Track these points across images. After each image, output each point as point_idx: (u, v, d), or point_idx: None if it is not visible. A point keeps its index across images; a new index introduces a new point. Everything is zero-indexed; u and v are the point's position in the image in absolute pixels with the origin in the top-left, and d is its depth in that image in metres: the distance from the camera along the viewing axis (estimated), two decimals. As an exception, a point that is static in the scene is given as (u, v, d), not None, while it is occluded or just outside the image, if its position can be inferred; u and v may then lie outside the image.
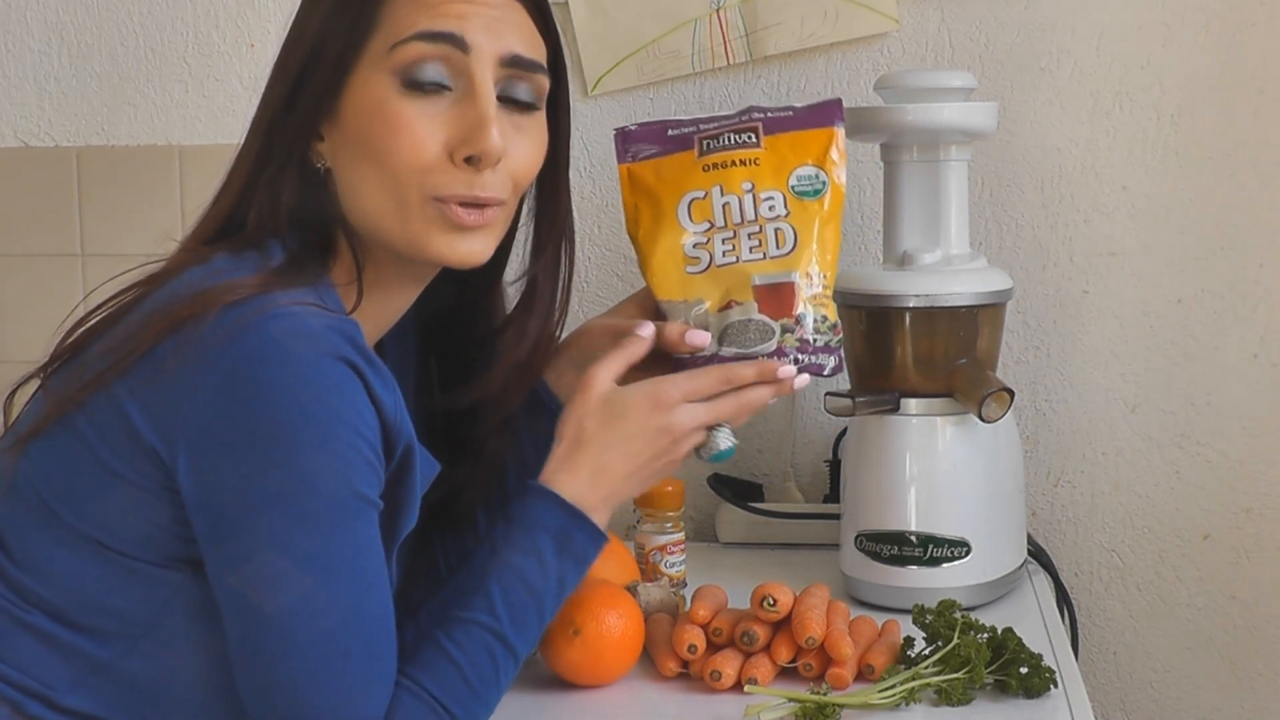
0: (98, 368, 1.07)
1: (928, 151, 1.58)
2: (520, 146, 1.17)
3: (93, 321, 1.13)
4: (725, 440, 1.24)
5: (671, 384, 1.21)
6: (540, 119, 1.20)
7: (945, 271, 1.57)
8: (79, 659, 1.09)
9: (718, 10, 1.83)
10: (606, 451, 1.19)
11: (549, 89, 1.20)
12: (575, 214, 1.89)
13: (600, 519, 1.19)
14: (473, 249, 1.16)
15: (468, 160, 1.13)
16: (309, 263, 1.14)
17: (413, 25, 1.13)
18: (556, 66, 1.22)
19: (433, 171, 1.13)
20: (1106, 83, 1.80)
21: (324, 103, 1.14)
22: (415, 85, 1.13)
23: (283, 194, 1.15)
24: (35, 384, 1.15)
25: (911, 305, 1.54)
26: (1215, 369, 1.82)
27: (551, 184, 1.26)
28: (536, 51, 1.18)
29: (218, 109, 1.92)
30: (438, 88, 1.13)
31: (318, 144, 1.16)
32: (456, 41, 1.13)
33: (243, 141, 1.19)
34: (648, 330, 1.25)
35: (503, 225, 1.19)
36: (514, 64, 1.16)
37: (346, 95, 1.14)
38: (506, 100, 1.16)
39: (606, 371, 1.22)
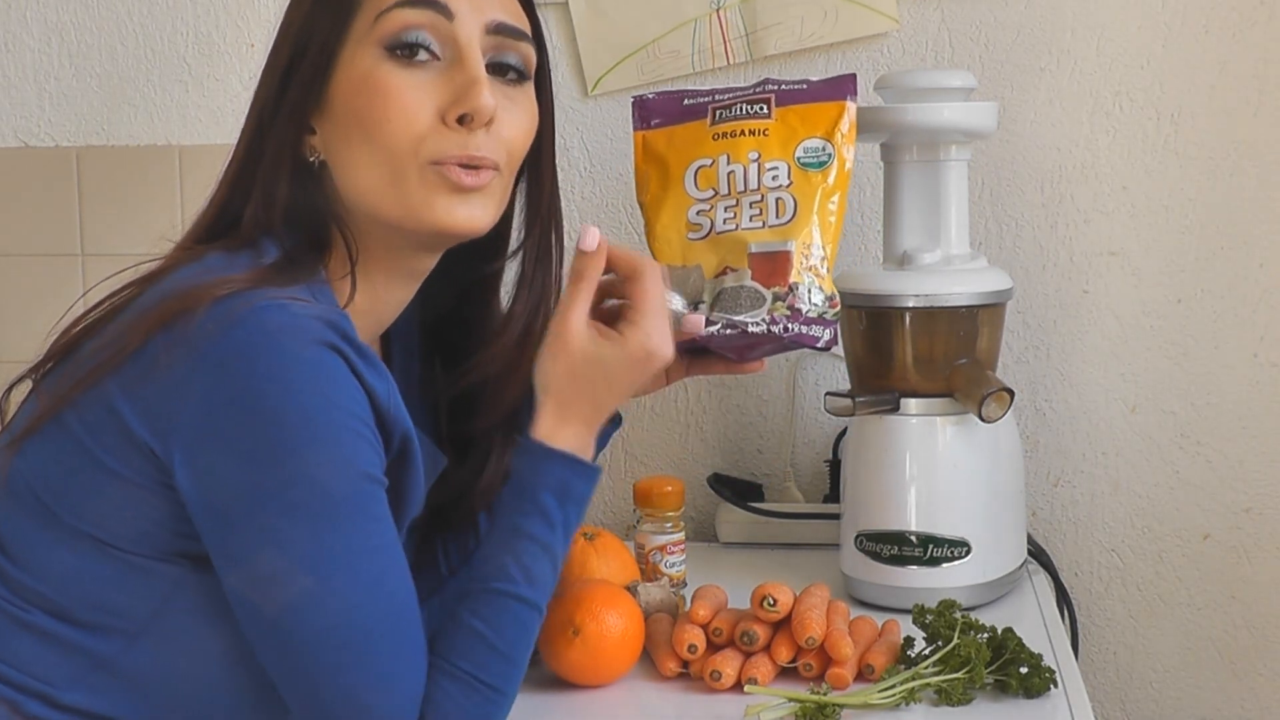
0: (89, 365, 1.07)
1: (928, 151, 1.58)
2: (511, 114, 1.17)
3: (88, 320, 1.13)
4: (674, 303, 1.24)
5: (660, 336, 1.17)
6: (530, 91, 1.20)
7: (945, 271, 1.57)
8: (79, 656, 1.09)
9: (718, 10, 1.83)
10: (598, 402, 1.18)
11: (535, 62, 1.20)
12: (575, 214, 1.90)
13: (589, 454, 1.19)
14: (473, 214, 1.15)
15: (460, 120, 1.13)
16: (303, 259, 1.14)
17: None
18: (539, 42, 1.22)
19: (427, 137, 1.12)
20: (1106, 83, 1.80)
21: (313, 91, 1.14)
22: (401, 52, 1.13)
23: (277, 190, 1.15)
24: (31, 383, 1.16)
25: (911, 305, 1.54)
26: (1215, 369, 1.82)
27: (535, 162, 1.25)
28: (520, 21, 1.19)
29: (218, 109, 1.92)
30: (426, 54, 1.13)
31: (310, 138, 1.16)
32: (440, 8, 1.13)
33: (237, 140, 1.19)
34: (590, 241, 1.20)
35: (500, 194, 1.18)
36: (499, 31, 1.16)
37: (334, 78, 1.14)
38: (495, 70, 1.16)
39: (578, 317, 1.18)
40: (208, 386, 1.02)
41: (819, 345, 1.25)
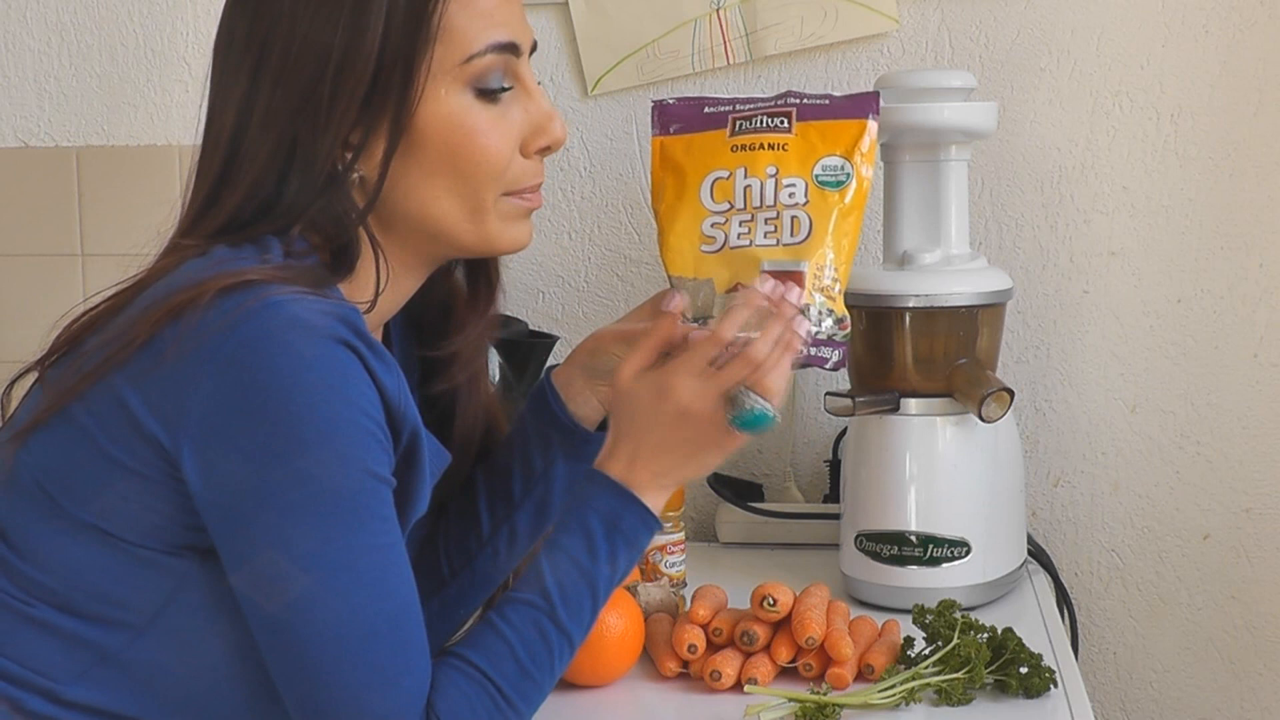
0: (96, 358, 1.07)
1: (928, 151, 1.58)
2: None
3: (92, 314, 1.13)
4: (750, 403, 1.20)
5: (671, 369, 1.20)
6: None
7: (945, 271, 1.57)
8: (83, 649, 1.09)
9: (718, 10, 1.83)
10: (639, 442, 1.19)
11: None
12: (575, 214, 1.90)
13: (651, 500, 1.18)
14: (530, 232, 1.21)
15: (539, 151, 1.18)
16: (311, 260, 1.13)
17: (481, 37, 1.14)
18: None
19: (510, 169, 1.16)
20: (1106, 83, 1.80)
21: (394, 117, 1.12)
22: (490, 94, 1.15)
23: (309, 199, 1.12)
24: (33, 377, 1.15)
25: (911, 305, 1.54)
26: (1215, 369, 1.82)
27: None
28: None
29: (218, 109, 1.92)
30: (504, 90, 1.16)
31: (346, 151, 1.15)
32: (515, 49, 1.16)
33: (250, 140, 1.15)
34: (673, 304, 1.22)
35: None
36: (533, 48, 1.20)
37: (420, 110, 1.13)
38: None
39: (629, 367, 1.21)
40: (218, 380, 1.02)
41: (827, 366, 1.25)
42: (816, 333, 1.24)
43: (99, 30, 1.93)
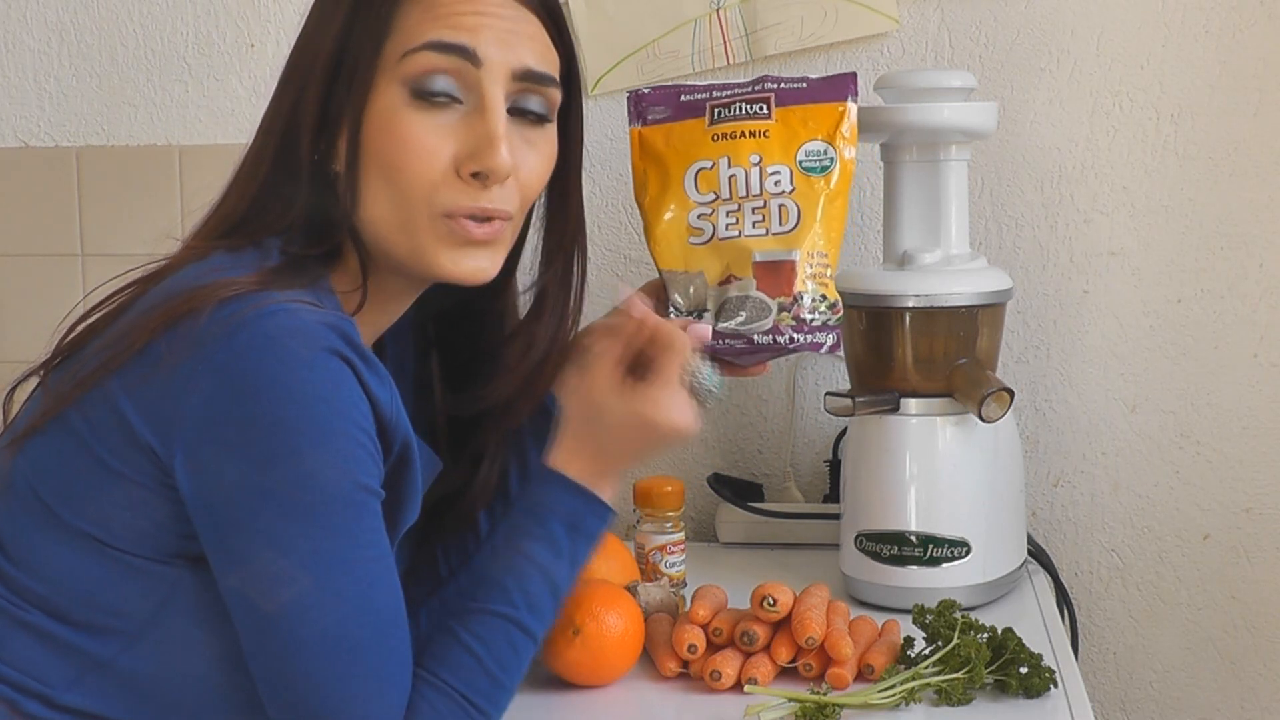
0: (92, 364, 1.07)
1: (928, 151, 1.58)
2: (529, 160, 1.16)
3: (93, 319, 1.13)
4: (704, 380, 1.22)
5: (666, 410, 1.20)
6: (550, 132, 1.19)
7: (945, 271, 1.57)
8: (77, 656, 1.09)
9: (718, 10, 1.83)
10: (600, 447, 1.20)
11: (561, 101, 1.20)
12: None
13: (606, 493, 1.21)
14: (479, 265, 1.15)
15: (475, 175, 1.12)
16: (308, 264, 1.14)
17: (424, 34, 1.12)
18: (570, 78, 1.21)
19: (440, 188, 1.12)
20: (1106, 83, 1.80)
21: (348, 111, 1.13)
22: (425, 97, 1.12)
23: (295, 199, 1.14)
24: (34, 382, 1.15)
25: (911, 305, 1.54)
26: (1215, 369, 1.82)
27: (562, 193, 1.25)
28: (549, 64, 1.17)
29: (218, 109, 1.92)
30: (448, 100, 1.12)
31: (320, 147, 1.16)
32: (468, 55, 1.12)
33: (251, 145, 1.18)
34: (636, 310, 1.23)
35: (509, 240, 1.18)
36: (526, 77, 1.15)
37: (368, 105, 1.13)
38: (517, 113, 1.16)
39: (606, 380, 1.22)
40: (212, 388, 1.02)
41: (822, 351, 1.25)
42: (811, 320, 1.25)
43: (99, 30, 1.93)
